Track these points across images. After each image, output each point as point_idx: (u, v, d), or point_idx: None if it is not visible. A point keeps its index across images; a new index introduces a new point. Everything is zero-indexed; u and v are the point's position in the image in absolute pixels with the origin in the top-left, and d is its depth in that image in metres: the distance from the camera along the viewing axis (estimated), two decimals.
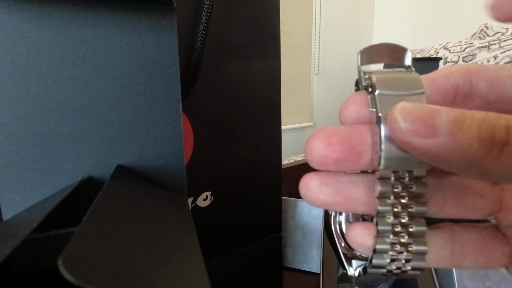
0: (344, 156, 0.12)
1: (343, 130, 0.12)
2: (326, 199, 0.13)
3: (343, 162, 0.12)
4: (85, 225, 0.11)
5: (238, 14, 0.30)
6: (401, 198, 0.12)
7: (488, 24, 0.84)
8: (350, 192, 0.13)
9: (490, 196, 0.13)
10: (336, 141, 0.12)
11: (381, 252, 0.13)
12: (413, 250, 0.13)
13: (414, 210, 0.12)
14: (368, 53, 0.14)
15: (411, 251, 0.13)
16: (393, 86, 0.12)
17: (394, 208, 0.12)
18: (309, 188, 0.13)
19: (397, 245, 0.13)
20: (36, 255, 0.17)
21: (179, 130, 0.20)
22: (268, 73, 0.34)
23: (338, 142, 0.12)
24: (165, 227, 0.15)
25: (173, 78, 0.19)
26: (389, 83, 0.12)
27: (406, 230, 0.13)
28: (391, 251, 0.13)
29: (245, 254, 0.35)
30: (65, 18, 0.17)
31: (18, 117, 0.16)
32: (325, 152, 0.12)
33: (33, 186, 0.17)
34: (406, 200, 0.12)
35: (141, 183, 0.18)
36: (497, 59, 0.75)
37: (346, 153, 0.12)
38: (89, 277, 0.09)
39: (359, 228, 0.13)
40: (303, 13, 1.37)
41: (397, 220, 0.13)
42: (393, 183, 0.12)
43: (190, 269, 0.13)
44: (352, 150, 0.12)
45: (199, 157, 0.29)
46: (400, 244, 0.13)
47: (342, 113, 0.13)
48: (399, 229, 0.13)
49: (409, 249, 0.13)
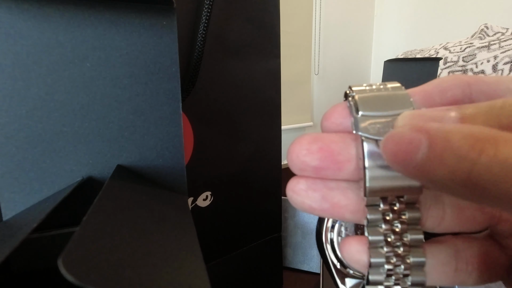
0: (324, 164, 0.12)
1: (325, 138, 0.12)
2: (312, 204, 0.12)
3: (322, 170, 0.12)
4: (85, 225, 0.11)
5: (238, 14, 0.30)
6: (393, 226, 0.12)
7: (488, 24, 0.84)
8: (337, 198, 0.12)
9: (488, 209, 0.13)
10: (317, 148, 0.12)
11: (376, 266, 0.12)
12: (411, 262, 0.12)
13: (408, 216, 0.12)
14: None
15: (408, 263, 0.12)
16: (377, 106, 0.11)
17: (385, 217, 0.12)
18: (295, 192, 0.12)
19: (393, 257, 0.12)
20: (36, 255, 0.17)
21: (179, 130, 0.20)
22: (268, 73, 0.34)
23: (319, 150, 0.12)
24: (165, 227, 0.15)
25: (173, 78, 0.19)
26: (373, 102, 0.11)
27: (400, 240, 0.12)
28: (386, 264, 0.12)
29: (245, 254, 0.35)
30: (65, 18, 0.17)
31: (18, 117, 0.16)
32: (305, 158, 0.12)
33: (33, 186, 0.17)
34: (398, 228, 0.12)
35: (141, 183, 0.18)
36: (497, 59, 0.75)
37: (326, 161, 0.12)
38: (89, 277, 0.09)
39: (354, 243, 0.13)
40: (303, 13, 1.36)
41: (390, 231, 0.12)
42: (383, 210, 0.12)
43: (190, 269, 0.13)
44: (333, 159, 0.12)
45: (199, 157, 0.29)
46: (396, 255, 0.12)
47: (324, 123, 0.12)
48: (393, 238, 0.12)
49: (406, 261, 0.12)
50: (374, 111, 0.11)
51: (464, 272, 0.12)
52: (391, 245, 0.12)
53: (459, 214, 0.12)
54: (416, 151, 0.09)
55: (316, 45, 1.43)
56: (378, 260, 0.12)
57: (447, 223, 0.12)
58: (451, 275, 0.12)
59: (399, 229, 0.12)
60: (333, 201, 0.12)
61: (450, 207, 0.12)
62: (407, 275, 0.12)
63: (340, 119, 0.12)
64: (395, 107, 0.11)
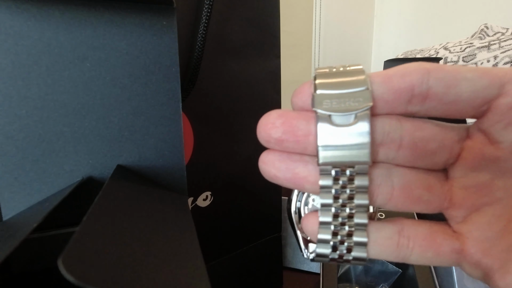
0: (285, 137, 0.13)
1: (289, 114, 0.13)
2: (277, 173, 0.14)
3: (284, 142, 0.13)
4: (85, 225, 0.11)
5: (238, 14, 0.30)
6: (342, 193, 0.13)
7: (488, 24, 0.84)
8: (298, 170, 0.14)
9: (438, 191, 0.14)
10: (280, 123, 0.13)
11: (323, 241, 0.14)
12: (354, 240, 0.13)
13: (355, 203, 0.13)
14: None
15: (351, 241, 0.13)
16: (334, 85, 0.13)
17: (335, 201, 0.13)
18: (264, 162, 0.14)
19: (338, 235, 0.13)
20: (36, 255, 0.17)
21: (179, 130, 0.20)
22: (268, 73, 0.34)
23: (282, 124, 0.13)
24: (165, 227, 0.15)
25: (173, 78, 0.19)
26: (331, 82, 0.13)
27: (347, 222, 0.13)
28: (332, 241, 0.13)
29: (245, 254, 0.35)
30: (65, 18, 0.17)
31: (18, 117, 0.16)
32: (270, 131, 0.13)
33: (33, 186, 0.17)
34: (347, 194, 0.13)
35: (141, 183, 0.18)
36: (497, 59, 0.75)
37: (287, 135, 0.13)
38: (89, 277, 0.09)
39: (312, 217, 0.14)
40: (303, 13, 1.36)
41: (339, 212, 0.13)
42: (334, 176, 0.13)
43: (190, 269, 0.13)
44: (293, 133, 0.13)
45: (199, 157, 0.29)
46: (341, 235, 0.13)
47: (293, 99, 0.14)
48: (340, 221, 0.13)
49: (350, 240, 0.13)
50: (330, 90, 0.13)
51: (405, 248, 0.14)
52: (338, 226, 0.13)
53: (408, 193, 0.13)
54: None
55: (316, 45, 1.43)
56: (325, 237, 0.14)
57: (395, 200, 0.14)
58: (394, 249, 0.14)
59: (346, 213, 0.13)
60: (294, 171, 0.14)
61: (399, 186, 0.13)
62: (350, 250, 0.14)
63: (305, 97, 0.13)
64: (350, 86, 0.12)
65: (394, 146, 0.13)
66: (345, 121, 0.12)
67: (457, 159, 0.14)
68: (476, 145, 0.13)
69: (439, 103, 0.12)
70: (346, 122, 0.12)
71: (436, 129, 0.13)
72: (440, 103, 0.12)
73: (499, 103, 0.12)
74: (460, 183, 0.14)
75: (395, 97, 0.12)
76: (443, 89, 0.12)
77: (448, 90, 0.12)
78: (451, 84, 0.12)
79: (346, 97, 0.12)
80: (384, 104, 0.13)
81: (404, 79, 0.12)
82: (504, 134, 0.12)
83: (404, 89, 0.12)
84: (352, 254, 0.14)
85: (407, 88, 0.12)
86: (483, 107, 0.12)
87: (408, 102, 0.12)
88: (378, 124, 0.13)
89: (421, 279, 0.31)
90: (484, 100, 0.12)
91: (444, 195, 0.14)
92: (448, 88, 0.12)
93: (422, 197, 0.14)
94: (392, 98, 0.12)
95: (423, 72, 0.12)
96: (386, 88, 0.12)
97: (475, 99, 0.12)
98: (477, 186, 0.13)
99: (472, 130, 0.13)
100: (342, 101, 0.12)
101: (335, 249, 0.14)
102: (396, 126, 0.13)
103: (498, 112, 0.12)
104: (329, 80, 0.13)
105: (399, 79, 0.12)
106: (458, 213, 0.14)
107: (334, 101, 0.12)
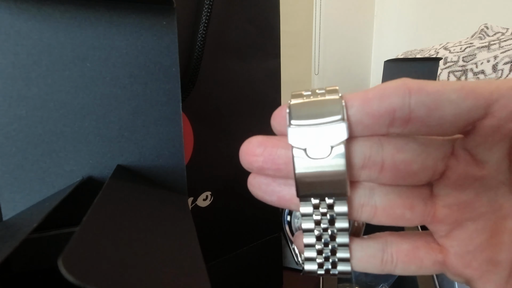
0: (266, 166, 0.13)
1: (268, 142, 0.13)
2: (264, 195, 0.14)
3: (265, 170, 0.13)
4: (85, 225, 0.11)
5: (238, 14, 0.30)
6: (323, 219, 0.14)
7: (488, 24, 0.84)
8: (284, 193, 0.14)
9: (421, 209, 0.14)
10: (261, 152, 0.13)
11: (309, 259, 0.14)
12: (338, 257, 0.14)
13: (337, 227, 0.14)
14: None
15: (335, 258, 0.14)
16: (308, 114, 0.12)
17: (317, 226, 0.14)
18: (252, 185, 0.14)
19: (323, 254, 0.14)
20: (36, 255, 0.17)
21: (179, 130, 0.20)
22: (268, 73, 0.34)
23: (262, 153, 0.13)
24: (165, 227, 0.15)
25: (173, 78, 0.19)
26: (305, 111, 0.13)
27: (330, 242, 0.14)
28: (318, 259, 0.14)
29: (245, 254, 0.35)
30: (65, 18, 0.17)
31: (18, 117, 0.16)
32: (251, 159, 0.13)
33: (33, 186, 0.17)
34: (328, 219, 0.14)
35: (141, 183, 0.18)
36: (497, 59, 0.75)
37: (267, 163, 0.13)
38: (89, 277, 0.09)
39: (300, 237, 0.15)
40: (303, 13, 1.36)
41: (322, 234, 0.14)
42: (314, 205, 0.13)
43: (190, 269, 0.13)
44: (273, 161, 0.13)
45: (199, 157, 0.29)
46: (325, 253, 0.14)
47: (272, 122, 0.14)
48: (323, 241, 0.14)
49: (334, 257, 0.14)
50: (304, 120, 0.12)
51: (390, 263, 0.14)
52: (321, 240, 0.14)
53: (390, 212, 0.14)
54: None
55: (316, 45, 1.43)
56: (311, 255, 0.14)
57: (379, 218, 0.14)
58: (378, 264, 0.14)
59: (327, 219, 0.14)
60: (279, 195, 0.14)
61: (381, 206, 0.14)
62: (335, 266, 0.14)
63: (283, 125, 0.13)
64: (325, 114, 0.12)
65: (376, 168, 0.13)
66: (321, 154, 0.12)
67: (441, 176, 0.13)
68: (460, 165, 0.13)
69: (421, 126, 0.12)
70: (322, 155, 0.12)
71: (419, 150, 0.13)
72: (423, 125, 0.12)
73: (484, 125, 0.11)
74: (444, 201, 0.13)
75: (375, 121, 0.12)
76: (426, 113, 0.11)
77: (431, 113, 0.11)
78: (434, 108, 0.11)
79: (321, 128, 0.12)
80: (363, 128, 0.12)
81: (383, 102, 0.11)
82: (489, 154, 0.12)
83: (383, 113, 0.12)
84: (337, 269, 0.14)
85: (387, 112, 0.11)
86: (467, 128, 0.12)
87: (389, 125, 0.12)
88: (358, 149, 0.13)
89: (421, 279, 0.31)
90: (468, 122, 0.11)
91: (427, 212, 0.14)
92: (430, 111, 0.11)
93: (404, 215, 0.14)
94: (371, 123, 0.12)
95: (403, 95, 0.11)
96: (364, 113, 0.12)
97: (459, 121, 0.11)
98: (460, 204, 0.13)
99: (457, 148, 0.13)
100: (317, 133, 0.12)
101: (321, 266, 0.14)
102: (377, 149, 0.13)
103: (483, 134, 0.12)
104: (303, 108, 0.13)
105: (378, 103, 0.12)
106: (441, 228, 0.14)
107: (309, 133, 0.12)
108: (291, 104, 0.13)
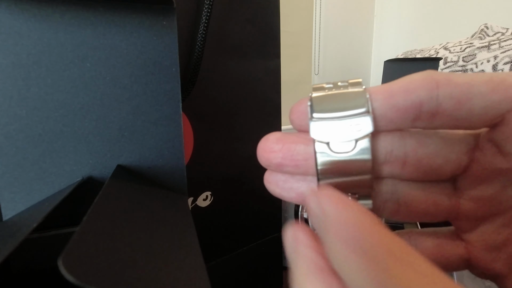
0: (284, 162, 0.13)
1: (287, 138, 0.13)
2: (281, 192, 0.14)
3: (283, 167, 0.13)
4: (85, 225, 0.11)
5: (238, 14, 0.30)
6: None
7: (488, 24, 0.84)
8: (302, 189, 0.14)
9: (445, 205, 0.13)
10: (279, 148, 0.13)
11: None
12: None
13: None
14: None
15: None
16: (331, 107, 0.12)
17: None
18: (269, 182, 0.14)
19: None
20: (36, 255, 0.17)
21: (179, 130, 0.20)
22: (268, 73, 0.34)
23: (280, 150, 0.13)
24: (165, 227, 0.15)
25: (173, 78, 0.19)
26: (328, 104, 0.12)
27: None
28: None
29: (245, 254, 0.35)
30: (65, 18, 0.17)
31: (18, 117, 0.16)
32: (269, 156, 0.13)
33: (33, 186, 0.17)
34: None
35: (141, 183, 0.18)
36: (497, 59, 0.75)
37: (286, 160, 0.13)
38: (89, 277, 0.09)
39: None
40: (303, 13, 1.36)
41: None
42: None
43: (190, 269, 0.13)
44: (292, 158, 0.13)
45: (199, 157, 0.29)
46: None
47: (291, 117, 0.13)
48: None
49: None
50: (327, 113, 0.12)
51: None
52: None
53: (413, 209, 0.13)
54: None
55: (316, 45, 1.43)
56: None
57: (402, 215, 0.14)
58: None
59: None
60: (298, 191, 0.14)
61: (405, 203, 0.13)
62: None
63: (303, 119, 0.13)
64: (348, 107, 0.12)
65: (398, 163, 0.13)
66: (345, 148, 0.12)
67: (465, 170, 0.13)
68: (486, 157, 0.12)
69: (449, 119, 0.11)
70: (345, 149, 0.12)
71: (442, 144, 0.12)
72: (450, 119, 0.11)
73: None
74: (468, 195, 0.13)
75: (400, 115, 0.11)
76: (454, 106, 0.11)
77: (459, 106, 0.11)
78: (463, 100, 0.11)
79: (344, 122, 0.12)
80: (387, 123, 0.12)
81: (409, 96, 0.11)
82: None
83: (410, 107, 0.11)
84: None
85: (414, 106, 0.11)
86: (495, 120, 0.11)
87: (415, 120, 0.12)
88: (381, 144, 0.12)
89: None
90: (497, 115, 0.11)
91: (451, 208, 0.13)
92: (459, 104, 0.11)
93: (428, 211, 0.13)
94: (396, 117, 0.12)
95: (431, 88, 0.11)
96: (390, 107, 0.11)
97: (487, 114, 0.11)
98: (486, 198, 0.13)
99: (482, 140, 0.13)
100: (341, 127, 0.12)
101: None
102: (399, 143, 0.12)
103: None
104: (326, 100, 0.12)
105: (403, 96, 0.11)
106: (466, 223, 0.13)
107: (332, 126, 0.12)
108: (312, 97, 0.12)
